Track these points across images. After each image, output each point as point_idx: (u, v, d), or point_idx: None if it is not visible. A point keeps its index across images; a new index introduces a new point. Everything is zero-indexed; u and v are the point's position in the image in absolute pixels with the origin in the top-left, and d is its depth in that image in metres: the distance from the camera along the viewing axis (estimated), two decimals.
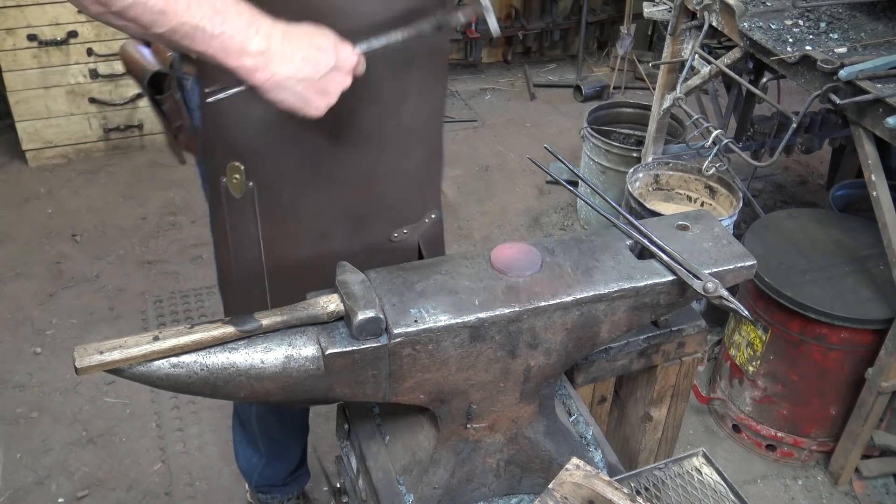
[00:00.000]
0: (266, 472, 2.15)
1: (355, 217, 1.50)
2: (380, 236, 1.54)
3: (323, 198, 1.46)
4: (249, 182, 1.42)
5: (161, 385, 1.17)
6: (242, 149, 1.41)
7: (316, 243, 1.50)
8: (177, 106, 1.47)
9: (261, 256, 1.51)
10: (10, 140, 3.93)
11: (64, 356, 2.84)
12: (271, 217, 1.46)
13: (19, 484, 2.41)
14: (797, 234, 2.54)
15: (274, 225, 1.47)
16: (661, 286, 1.33)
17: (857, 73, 2.06)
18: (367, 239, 1.52)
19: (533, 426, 1.43)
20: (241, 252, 1.52)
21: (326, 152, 1.42)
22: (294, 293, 1.44)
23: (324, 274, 1.41)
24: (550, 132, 4.43)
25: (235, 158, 1.41)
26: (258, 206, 1.45)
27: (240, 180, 1.43)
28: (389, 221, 1.54)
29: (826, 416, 2.46)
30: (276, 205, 1.45)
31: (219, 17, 1.04)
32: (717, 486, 1.33)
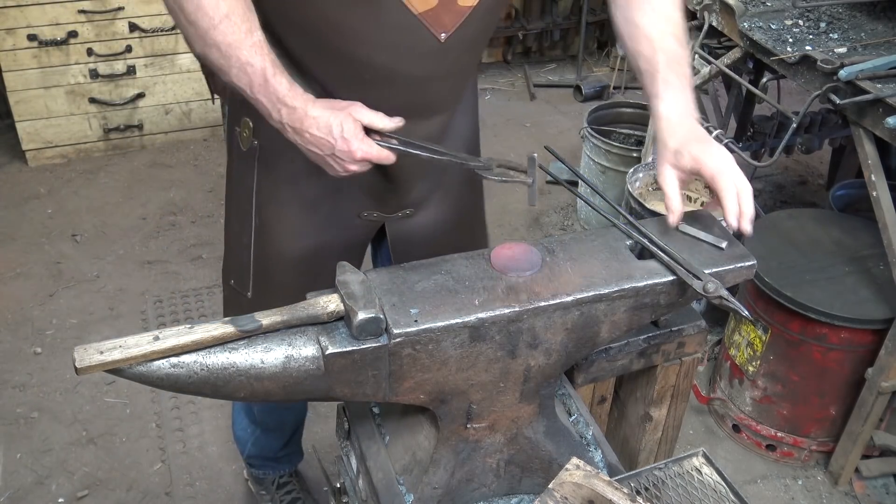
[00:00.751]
0: (259, 443, 2.19)
1: (339, 190, 1.57)
2: (351, 211, 1.62)
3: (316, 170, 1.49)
4: (255, 140, 1.53)
5: (161, 385, 1.17)
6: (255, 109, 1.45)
7: (301, 211, 1.58)
8: None
9: (252, 212, 1.59)
10: (10, 140, 3.93)
11: (64, 356, 2.84)
12: (267, 177, 1.56)
13: (19, 484, 2.41)
14: (797, 235, 2.54)
15: (268, 186, 1.56)
16: (661, 286, 1.33)
17: (857, 73, 2.06)
18: (341, 212, 1.61)
19: (533, 426, 1.43)
20: (239, 201, 1.63)
21: None
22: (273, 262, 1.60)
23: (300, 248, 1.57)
24: (550, 132, 4.42)
25: (248, 115, 1.51)
26: (258, 164, 1.55)
27: (248, 135, 1.54)
28: (364, 203, 1.61)
29: (826, 416, 2.46)
30: (273, 167, 1.55)
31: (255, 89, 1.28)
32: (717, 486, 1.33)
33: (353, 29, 1.32)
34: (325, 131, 1.28)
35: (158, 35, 3.80)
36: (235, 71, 1.26)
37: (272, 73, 1.27)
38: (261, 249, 1.62)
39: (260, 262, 1.63)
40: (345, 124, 1.28)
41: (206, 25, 1.24)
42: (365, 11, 1.30)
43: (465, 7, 1.35)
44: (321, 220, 1.60)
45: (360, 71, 1.39)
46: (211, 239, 3.44)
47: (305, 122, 1.29)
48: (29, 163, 3.88)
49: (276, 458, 2.26)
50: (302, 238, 1.60)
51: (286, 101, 1.28)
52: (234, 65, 1.26)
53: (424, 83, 1.43)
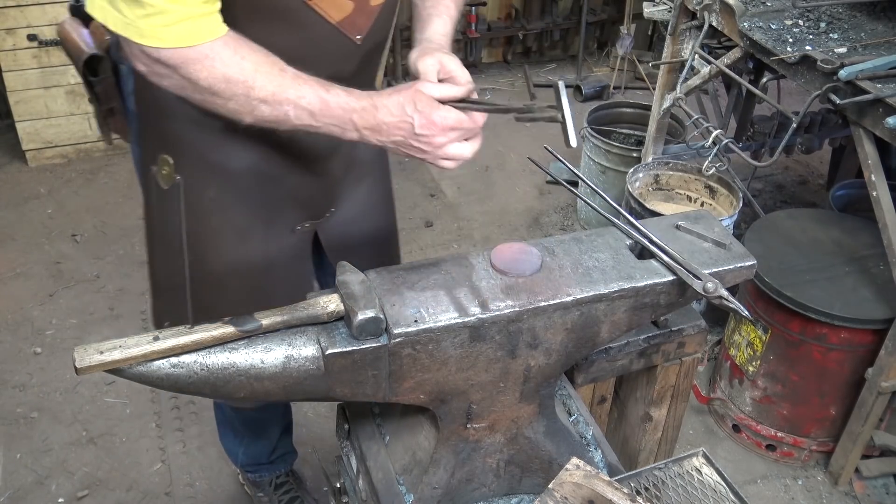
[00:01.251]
0: (249, 452, 2.20)
1: (271, 211, 1.58)
2: (286, 228, 1.63)
3: (247, 193, 1.53)
4: (177, 175, 1.47)
5: (161, 385, 1.17)
6: (173, 142, 1.46)
7: (236, 238, 1.57)
8: (110, 89, 1.52)
9: (183, 251, 1.54)
10: (10, 140, 3.93)
11: (64, 356, 2.84)
12: (196, 210, 1.51)
13: (19, 484, 2.41)
14: (797, 234, 2.54)
15: (197, 218, 1.52)
16: (661, 286, 1.33)
17: (857, 73, 2.06)
18: (276, 232, 1.61)
19: (533, 426, 1.43)
20: (166, 242, 1.58)
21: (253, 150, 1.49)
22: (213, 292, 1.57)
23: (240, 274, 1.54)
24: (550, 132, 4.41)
25: (166, 151, 1.46)
26: (184, 200, 1.49)
27: (168, 172, 1.48)
28: (296, 216, 1.63)
29: (826, 416, 2.46)
30: (201, 199, 1.51)
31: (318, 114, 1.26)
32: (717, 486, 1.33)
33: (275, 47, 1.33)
34: (398, 113, 1.26)
35: None
36: (294, 113, 1.24)
37: (325, 91, 1.26)
38: (197, 283, 1.55)
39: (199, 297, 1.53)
40: (416, 100, 1.26)
41: (244, 91, 1.22)
42: (286, 31, 1.32)
43: (375, 6, 1.41)
44: (257, 243, 1.58)
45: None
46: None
47: (378, 114, 1.26)
48: (29, 163, 3.88)
49: (269, 461, 2.26)
50: (241, 265, 1.58)
51: (352, 106, 1.26)
52: (288, 109, 1.24)
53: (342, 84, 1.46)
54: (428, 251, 3.45)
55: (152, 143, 1.50)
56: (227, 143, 1.46)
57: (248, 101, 1.23)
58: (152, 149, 1.50)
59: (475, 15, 4.73)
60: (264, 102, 1.23)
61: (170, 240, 1.56)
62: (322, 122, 1.26)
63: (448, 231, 3.62)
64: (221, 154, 1.48)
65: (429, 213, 3.73)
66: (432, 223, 3.66)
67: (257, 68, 1.22)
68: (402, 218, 3.69)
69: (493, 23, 4.91)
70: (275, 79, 1.23)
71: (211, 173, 1.49)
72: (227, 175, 1.50)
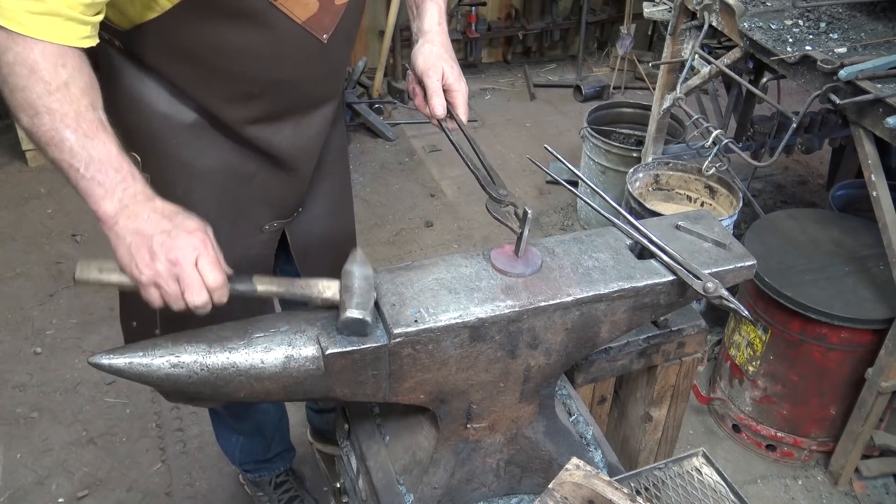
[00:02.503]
0: (246, 449, 2.21)
1: (238, 210, 1.58)
2: (254, 227, 1.64)
3: (215, 191, 1.54)
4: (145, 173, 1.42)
5: (161, 385, 1.17)
6: (140, 142, 1.45)
7: None
8: None
9: None
10: (10, 140, 3.93)
11: (64, 356, 2.84)
12: None
13: (19, 484, 2.41)
14: (797, 234, 2.54)
15: None
16: (661, 286, 1.33)
17: (857, 73, 2.06)
18: (243, 230, 1.62)
19: (533, 426, 1.43)
20: None
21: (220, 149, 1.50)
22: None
23: None
24: (550, 132, 4.43)
25: (133, 150, 1.43)
26: None
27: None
28: (264, 216, 1.64)
29: (826, 416, 2.46)
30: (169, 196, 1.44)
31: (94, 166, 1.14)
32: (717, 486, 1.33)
33: (241, 49, 1.33)
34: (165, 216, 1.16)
35: None
36: (72, 144, 1.12)
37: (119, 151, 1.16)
38: None
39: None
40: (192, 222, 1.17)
41: (41, 89, 1.11)
42: (251, 31, 1.32)
43: (340, 5, 1.41)
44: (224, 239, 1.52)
45: (246, 87, 1.42)
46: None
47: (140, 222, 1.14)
48: (29, 163, 3.88)
49: (266, 459, 2.26)
50: None
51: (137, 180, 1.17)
52: (70, 139, 1.12)
53: (310, 83, 1.50)
54: (428, 251, 3.45)
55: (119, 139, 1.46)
56: (198, 140, 1.47)
57: (36, 101, 1.12)
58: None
59: (475, 15, 4.73)
60: (48, 114, 1.12)
61: None
62: (92, 175, 1.14)
63: (448, 231, 3.62)
64: (191, 151, 1.48)
65: (429, 213, 3.73)
66: (432, 223, 3.66)
67: (71, 83, 1.13)
68: (402, 218, 3.69)
69: (493, 23, 4.91)
70: (80, 105, 1.14)
71: (180, 171, 1.48)
72: (195, 173, 1.50)
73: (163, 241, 1.13)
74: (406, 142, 4.27)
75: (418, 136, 4.34)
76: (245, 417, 2.14)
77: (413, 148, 4.24)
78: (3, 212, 3.57)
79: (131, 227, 1.14)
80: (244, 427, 2.16)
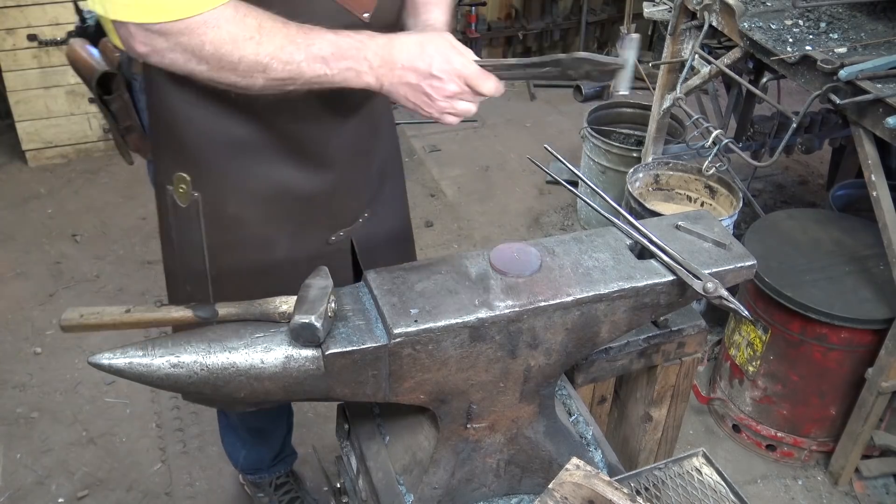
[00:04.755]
0: (250, 457, 2.21)
1: (297, 224, 1.54)
2: (318, 241, 1.58)
3: (268, 208, 1.49)
4: (195, 192, 1.44)
5: (161, 385, 1.17)
6: (189, 160, 1.42)
7: (259, 251, 1.53)
8: (125, 106, 1.47)
9: (205, 264, 1.52)
10: (10, 140, 3.93)
11: (64, 356, 2.84)
12: (216, 227, 1.48)
13: (19, 484, 2.41)
14: (797, 234, 2.54)
15: (218, 234, 1.49)
16: (661, 286, 1.33)
17: (857, 73, 2.06)
18: (307, 244, 1.57)
19: (533, 426, 1.43)
20: (186, 258, 1.54)
21: (273, 164, 1.45)
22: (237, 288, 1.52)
23: (267, 282, 1.47)
24: (550, 132, 4.43)
25: (182, 169, 1.43)
26: (203, 216, 1.46)
27: (186, 190, 1.44)
28: (328, 227, 1.59)
29: (826, 416, 2.46)
30: (221, 215, 1.47)
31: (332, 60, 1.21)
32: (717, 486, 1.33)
33: None
34: (416, 52, 1.21)
35: None
36: (306, 63, 1.19)
37: (335, 35, 1.20)
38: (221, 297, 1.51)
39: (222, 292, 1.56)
40: (438, 42, 1.22)
41: (252, 50, 1.18)
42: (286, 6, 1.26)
43: None
44: (284, 254, 1.55)
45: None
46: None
47: (393, 50, 1.21)
48: (29, 163, 3.88)
49: (269, 466, 2.27)
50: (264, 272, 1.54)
51: (366, 43, 1.21)
52: (300, 61, 1.19)
53: None
54: (428, 251, 3.45)
55: (167, 160, 1.45)
56: (246, 159, 1.42)
57: (257, 60, 1.18)
58: (167, 167, 1.45)
59: (475, 15, 4.73)
60: (274, 58, 1.18)
61: (190, 259, 1.53)
62: (336, 69, 1.21)
63: (448, 231, 3.62)
64: (240, 170, 1.43)
65: (429, 213, 3.73)
66: (432, 223, 3.66)
67: (261, 24, 1.18)
68: None
69: (493, 23, 4.91)
70: (281, 30, 1.19)
71: (231, 192, 1.45)
72: (247, 193, 1.46)
73: (431, 84, 1.22)
74: (406, 142, 4.27)
75: (418, 136, 4.34)
76: (257, 430, 2.13)
77: (413, 148, 4.24)
78: (3, 212, 3.57)
79: (396, 82, 1.23)
80: (254, 437, 2.15)
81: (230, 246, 1.51)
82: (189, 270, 1.55)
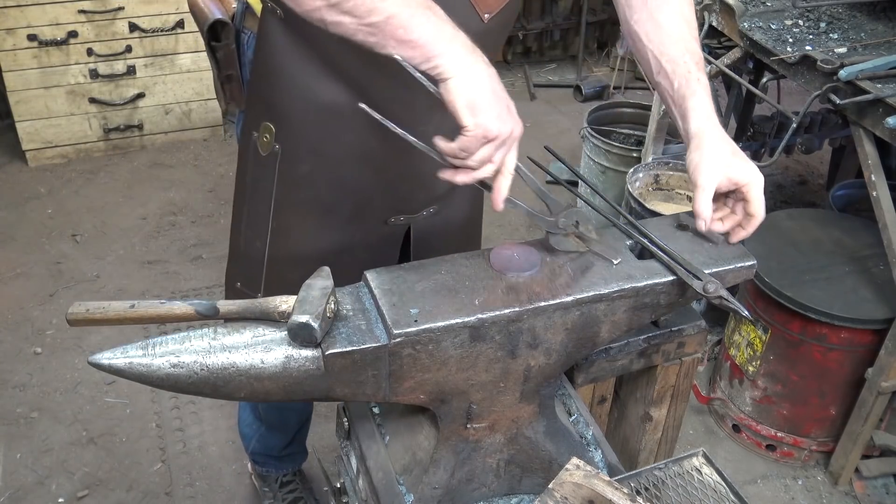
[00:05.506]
0: (264, 440, 2.21)
1: (363, 197, 1.56)
2: (378, 218, 1.61)
3: (341, 174, 1.53)
4: (276, 145, 1.50)
5: (161, 385, 1.17)
6: (278, 113, 1.47)
7: (322, 215, 1.57)
8: (231, 55, 1.55)
9: (269, 216, 1.57)
10: (10, 140, 3.93)
11: (64, 356, 2.84)
12: (287, 182, 1.53)
13: (19, 484, 2.41)
14: (797, 234, 2.54)
15: (287, 190, 1.54)
16: (661, 286, 1.33)
17: (857, 73, 2.06)
18: (366, 219, 1.60)
19: (533, 426, 1.43)
20: (254, 206, 1.60)
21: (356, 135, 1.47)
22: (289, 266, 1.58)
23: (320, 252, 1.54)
24: (550, 132, 4.42)
25: (269, 119, 1.48)
26: (278, 169, 1.52)
27: (268, 140, 1.50)
28: (391, 208, 1.61)
29: (826, 416, 2.46)
30: (294, 172, 1.52)
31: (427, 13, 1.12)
32: (717, 486, 1.32)
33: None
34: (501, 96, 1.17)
35: (158, 35, 3.80)
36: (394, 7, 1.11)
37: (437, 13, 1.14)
38: (276, 251, 1.61)
39: (274, 264, 1.62)
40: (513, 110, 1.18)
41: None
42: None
43: None
44: (342, 223, 1.58)
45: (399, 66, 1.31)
46: (211, 239, 3.44)
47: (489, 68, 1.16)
48: (29, 163, 3.88)
49: (279, 456, 2.27)
50: (321, 241, 1.58)
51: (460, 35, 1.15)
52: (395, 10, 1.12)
53: None
54: None
55: (258, 109, 1.51)
56: (331, 124, 1.45)
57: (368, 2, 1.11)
58: (257, 115, 1.51)
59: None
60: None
61: (257, 205, 1.59)
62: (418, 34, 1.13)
63: None
64: (323, 133, 1.47)
65: None
66: None
67: None
68: None
69: None
70: None
71: (309, 150, 1.49)
72: (324, 154, 1.50)
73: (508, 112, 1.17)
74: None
75: None
76: (274, 410, 2.14)
77: None
78: (3, 212, 3.57)
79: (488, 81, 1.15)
80: (270, 419, 2.16)
81: (296, 205, 1.56)
82: (253, 221, 1.61)
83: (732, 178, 1.31)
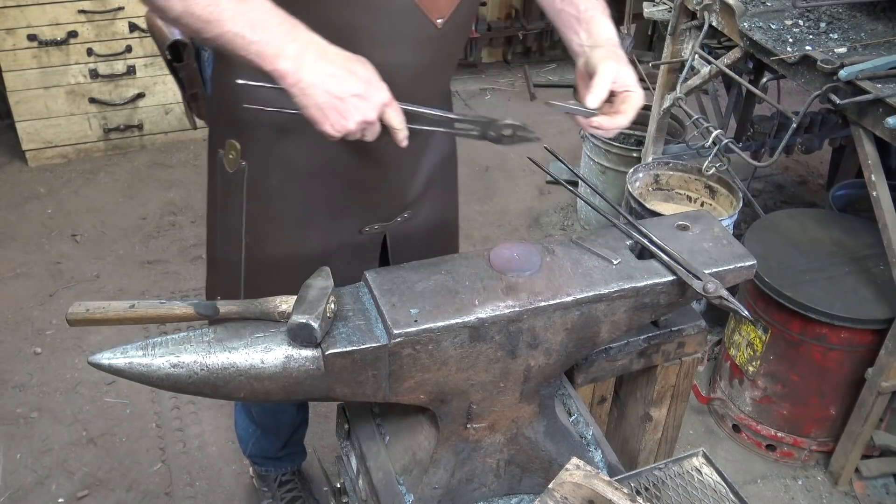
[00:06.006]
0: (259, 443, 2.22)
1: (335, 208, 1.56)
2: (352, 228, 1.61)
3: (311, 186, 1.53)
4: (242, 161, 1.50)
5: (161, 385, 1.17)
6: (242, 129, 1.47)
7: (295, 228, 1.57)
8: (193, 74, 1.55)
9: (241, 232, 1.57)
10: (10, 140, 3.93)
11: (64, 356, 2.84)
12: (257, 196, 1.53)
13: (19, 484, 2.41)
14: (797, 234, 2.54)
15: (258, 204, 1.54)
16: (661, 286, 1.33)
17: (857, 73, 2.06)
18: (340, 229, 1.59)
19: (533, 426, 1.43)
20: (227, 222, 1.60)
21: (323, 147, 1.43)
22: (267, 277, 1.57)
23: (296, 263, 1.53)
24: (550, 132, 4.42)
25: (234, 136, 1.49)
26: (246, 185, 1.52)
27: (234, 157, 1.50)
28: (365, 217, 1.61)
29: (826, 416, 2.46)
30: (263, 186, 1.52)
31: (259, 26, 1.13)
32: (717, 486, 1.33)
33: (351, 26, 1.30)
34: (346, 68, 1.17)
35: None
36: (230, 14, 1.12)
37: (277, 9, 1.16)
38: (252, 264, 1.60)
39: (251, 275, 1.61)
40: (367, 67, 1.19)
41: None
42: (358, 5, 1.27)
43: None
44: (317, 234, 1.58)
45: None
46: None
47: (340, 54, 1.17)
48: (29, 163, 3.88)
49: (276, 457, 2.27)
50: (297, 252, 1.58)
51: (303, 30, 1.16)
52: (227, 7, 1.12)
53: (420, 75, 1.42)
54: None
55: (222, 126, 1.52)
56: (296, 137, 1.45)
57: None
58: (222, 132, 1.52)
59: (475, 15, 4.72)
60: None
61: (230, 222, 1.59)
62: (260, 36, 1.13)
63: None
64: (289, 146, 1.47)
65: None
66: None
67: None
68: None
69: (493, 23, 4.91)
70: None
71: (276, 163, 1.49)
72: (291, 167, 1.50)
73: (356, 105, 1.17)
74: None
75: None
76: (267, 414, 2.14)
77: None
78: (3, 212, 3.57)
79: (318, 84, 1.15)
80: (264, 422, 2.17)
81: (267, 219, 1.56)
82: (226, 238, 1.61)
83: (625, 82, 1.35)
